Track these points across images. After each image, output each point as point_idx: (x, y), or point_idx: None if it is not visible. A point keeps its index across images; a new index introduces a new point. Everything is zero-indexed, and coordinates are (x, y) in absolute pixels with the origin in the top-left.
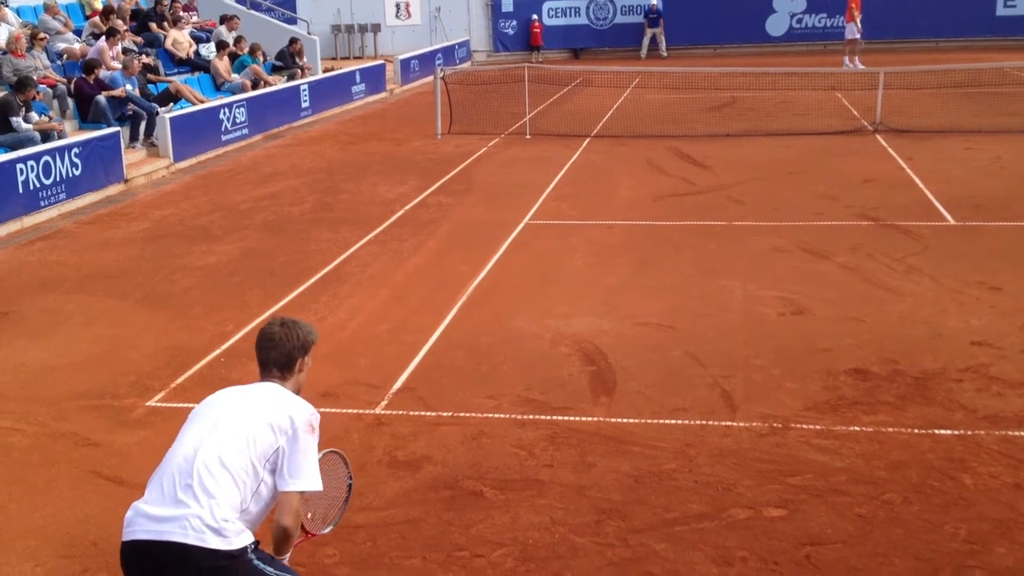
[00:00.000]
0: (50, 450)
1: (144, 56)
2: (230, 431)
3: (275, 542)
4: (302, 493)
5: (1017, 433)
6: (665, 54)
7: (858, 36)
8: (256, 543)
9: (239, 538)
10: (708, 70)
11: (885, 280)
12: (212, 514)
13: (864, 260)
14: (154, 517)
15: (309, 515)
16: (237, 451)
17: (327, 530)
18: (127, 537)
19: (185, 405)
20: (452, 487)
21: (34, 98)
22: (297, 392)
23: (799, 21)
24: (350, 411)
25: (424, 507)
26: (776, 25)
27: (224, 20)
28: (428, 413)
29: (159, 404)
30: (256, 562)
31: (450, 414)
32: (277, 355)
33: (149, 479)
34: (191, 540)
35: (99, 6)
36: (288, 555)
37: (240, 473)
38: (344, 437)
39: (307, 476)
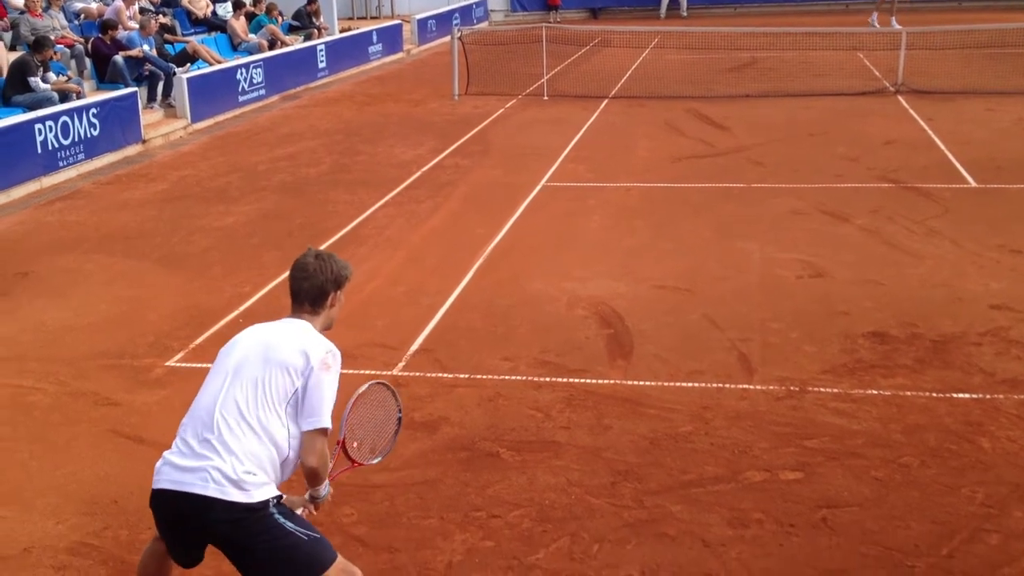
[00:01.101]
0: (70, 409)
1: (161, 16)
2: (247, 379)
3: (306, 479)
4: (325, 431)
5: None
6: (685, 14)
7: None
8: (279, 497)
9: (260, 491)
10: (728, 30)
11: (905, 243)
12: (233, 467)
13: (884, 223)
14: (178, 467)
15: (355, 444)
16: (254, 400)
17: (375, 460)
18: (154, 485)
19: (204, 365)
20: (469, 448)
21: (52, 58)
22: (328, 327)
23: None
24: (367, 372)
25: (441, 468)
26: None
27: None
28: (445, 375)
29: (178, 364)
30: (276, 516)
31: (467, 376)
32: (309, 286)
33: (179, 426)
34: (211, 492)
35: None
36: (326, 484)
37: (261, 422)
38: None
39: (321, 414)
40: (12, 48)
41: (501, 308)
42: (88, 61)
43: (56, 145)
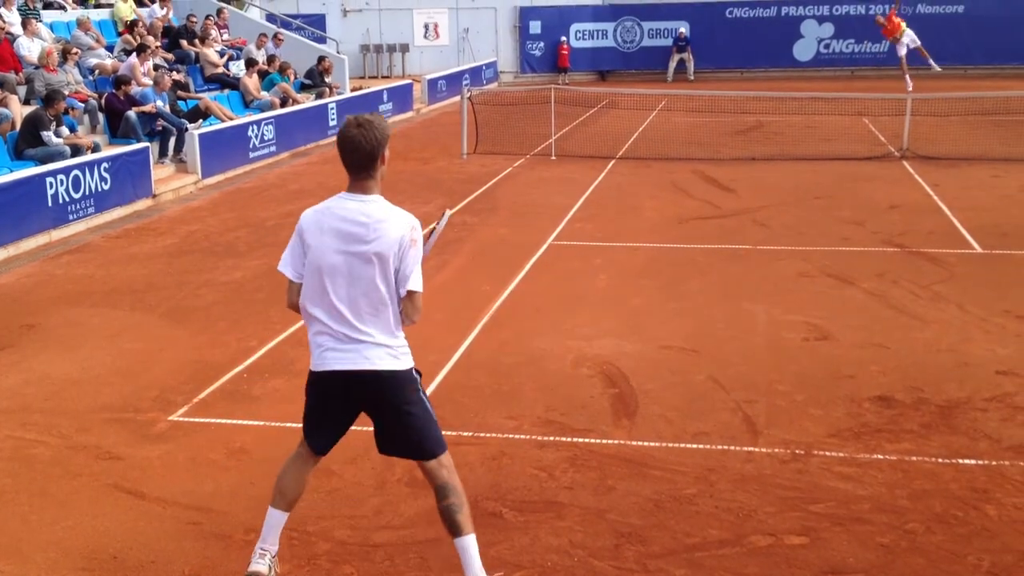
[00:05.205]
0: (72, 463)
1: (175, 73)
2: (358, 275)
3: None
4: (419, 293)
5: None
6: (692, 77)
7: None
8: (416, 369)
9: (406, 359)
10: (735, 94)
11: (910, 307)
12: (382, 346)
13: (889, 287)
14: (339, 351)
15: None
16: (374, 289)
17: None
18: (319, 368)
19: (207, 420)
20: (471, 507)
21: (64, 112)
22: (382, 177)
23: (826, 46)
24: (370, 429)
25: (443, 527)
26: (804, 50)
27: (273, 37)
28: (449, 433)
29: (181, 419)
30: (420, 391)
31: (470, 434)
32: (360, 156)
33: (313, 316)
34: (373, 366)
35: (130, 18)
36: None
37: (385, 302)
38: (364, 455)
39: (415, 280)
40: (26, 102)
41: (506, 366)
42: (101, 116)
43: (67, 199)
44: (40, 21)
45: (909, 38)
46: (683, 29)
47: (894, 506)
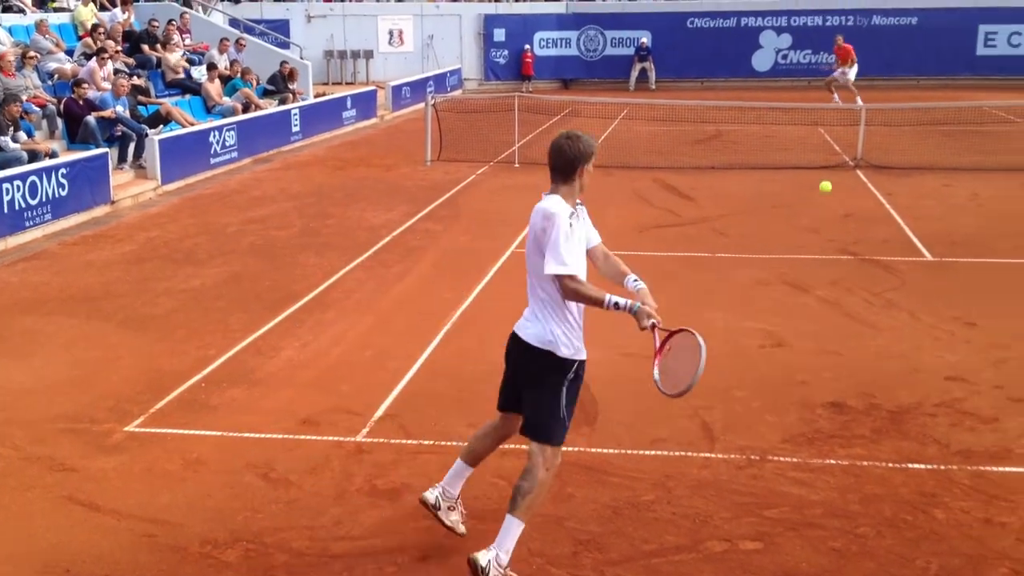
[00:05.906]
0: (25, 474)
1: (135, 78)
2: (529, 262)
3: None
4: (559, 276)
5: (988, 468)
6: (653, 86)
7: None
8: (577, 366)
9: (563, 351)
10: (694, 103)
11: (863, 314)
12: (540, 318)
13: (843, 294)
14: (524, 322)
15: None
16: (537, 275)
17: (668, 390)
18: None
19: (164, 431)
20: (431, 517)
21: (21, 116)
22: (582, 190)
23: (784, 57)
24: (330, 439)
25: (403, 537)
26: (762, 60)
27: (236, 42)
28: (409, 441)
29: (137, 429)
30: (565, 382)
31: (431, 442)
32: (562, 163)
33: None
34: (525, 336)
35: (91, 22)
36: (627, 302)
37: (538, 283)
38: (324, 465)
39: (553, 262)
40: None
41: (467, 374)
42: (60, 121)
43: (23, 205)
44: None
45: (853, 73)
46: (645, 39)
47: (846, 511)
